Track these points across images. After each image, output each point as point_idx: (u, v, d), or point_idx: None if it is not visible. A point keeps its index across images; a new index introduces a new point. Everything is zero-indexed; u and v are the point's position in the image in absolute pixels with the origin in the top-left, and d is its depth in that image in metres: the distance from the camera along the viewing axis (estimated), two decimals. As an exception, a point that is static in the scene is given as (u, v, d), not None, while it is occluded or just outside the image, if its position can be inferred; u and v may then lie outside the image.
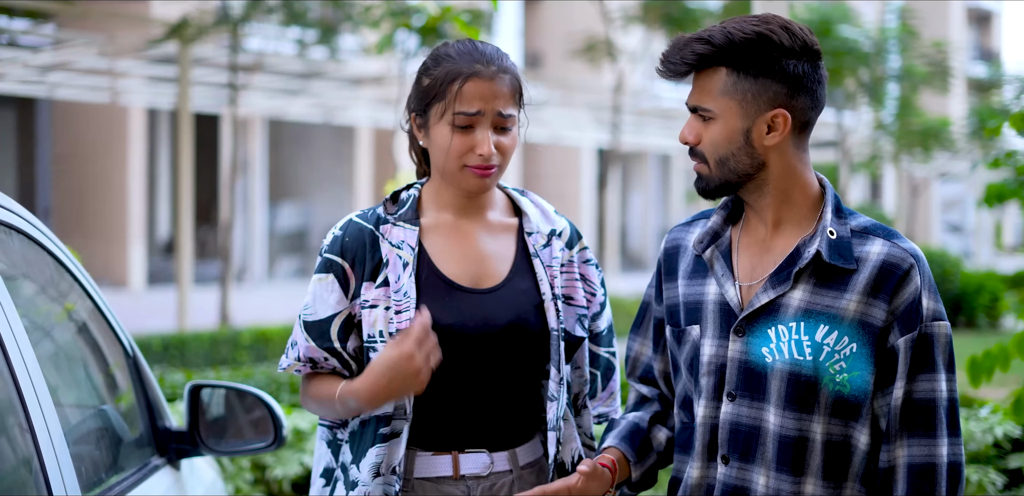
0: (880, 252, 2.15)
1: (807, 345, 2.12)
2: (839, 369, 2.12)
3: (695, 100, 2.18)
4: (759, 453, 2.14)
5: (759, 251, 2.20)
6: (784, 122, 2.14)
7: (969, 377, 4.26)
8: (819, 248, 2.13)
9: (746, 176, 2.17)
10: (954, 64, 20.18)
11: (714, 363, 2.18)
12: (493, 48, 2.41)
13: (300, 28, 13.17)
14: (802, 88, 2.15)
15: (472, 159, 2.35)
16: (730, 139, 2.15)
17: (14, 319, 2.08)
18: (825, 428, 2.13)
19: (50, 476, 2.04)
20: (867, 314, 2.13)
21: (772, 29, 2.12)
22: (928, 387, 2.14)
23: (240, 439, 2.87)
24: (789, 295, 2.14)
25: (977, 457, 4.84)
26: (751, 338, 2.15)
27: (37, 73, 14.71)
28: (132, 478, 2.54)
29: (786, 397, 2.12)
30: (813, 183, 2.21)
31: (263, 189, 23.75)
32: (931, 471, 2.12)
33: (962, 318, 17.32)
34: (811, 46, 2.15)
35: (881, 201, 35.33)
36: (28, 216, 2.42)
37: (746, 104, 2.14)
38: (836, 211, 2.19)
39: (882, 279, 2.13)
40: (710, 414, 2.18)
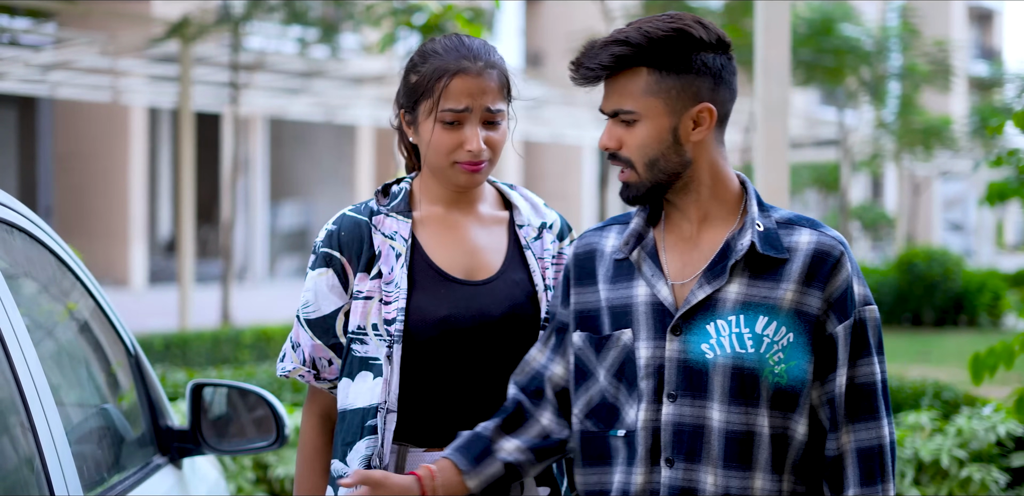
0: (810, 241, 2.16)
1: (748, 337, 2.11)
2: (777, 360, 2.12)
3: (615, 104, 2.15)
4: (705, 452, 2.12)
5: (687, 249, 2.19)
6: (710, 116, 2.15)
7: (971, 374, 4.26)
8: (752, 240, 2.13)
9: (675, 176, 2.16)
10: (955, 63, 20.17)
11: (652, 365, 2.15)
12: (480, 43, 2.41)
13: (301, 27, 13.16)
14: (721, 80, 2.16)
15: (461, 155, 2.35)
16: (658, 139, 2.14)
17: (16, 318, 2.08)
18: (768, 421, 2.12)
19: (52, 475, 2.04)
20: (803, 303, 2.13)
21: (688, 24, 2.12)
22: (868, 371, 2.16)
23: (242, 438, 2.87)
24: (725, 289, 2.14)
25: (980, 456, 4.84)
26: (689, 336, 2.14)
27: (38, 72, 14.71)
28: (134, 477, 2.53)
29: (730, 392, 2.11)
30: (734, 178, 2.22)
31: (264, 188, 23.75)
32: (878, 453, 2.15)
33: (964, 317, 17.31)
34: (723, 39, 2.16)
35: (882, 200, 35.32)
36: (30, 214, 2.41)
37: (671, 101, 2.13)
38: (759, 204, 2.20)
39: (815, 267, 2.14)
40: (651, 417, 2.14)
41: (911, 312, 17.34)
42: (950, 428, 4.95)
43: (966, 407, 5.39)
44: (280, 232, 24.85)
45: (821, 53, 17.41)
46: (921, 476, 4.88)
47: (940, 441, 4.88)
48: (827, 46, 17.56)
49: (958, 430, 4.93)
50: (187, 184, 11.88)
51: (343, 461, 2.32)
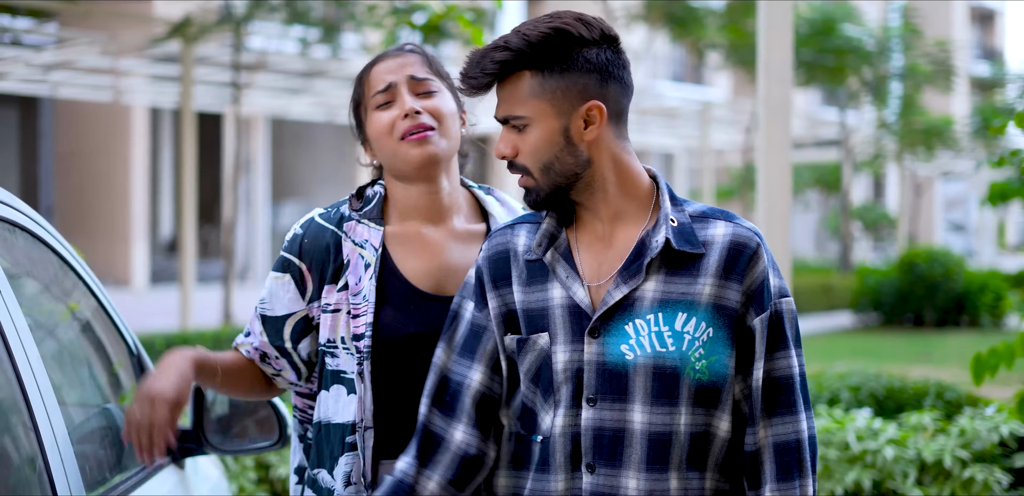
0: (726, 233, 2.12)
1: (668, 335, 2.07)
2: (699, 356, 2.08)
3: (504, 110, 2.12)
4: (626, 456, 2.07)
5: (601, 248, 2.14)
6: (600, 113, 2.09)
7: (973, 374, 4.26)
8: (667, 236, 2.09)
9: (574, 177, 2.11)
10: (957, 63, 20.18)
11: (570, 369, 2.09)
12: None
13: (303, 27, 13.16)
14: (610, 76, 2.10)
15: (400, 126, 2.31)
16: (550, 142, 2.09)
17: (18, 317, 2.08)
18: (689, 419, 2.08)
19: (54, 475, 2.03)
20: (722, 297, 2.10)
21: (567, 22, 2.08)
22: (785, 364, 2.12)
23: (244, 438, 2.86)
24: (643, 288, 2.09)
25: (982, 456, 4.84)
26: (608, 338, 2.09)
27: (40, 72, 14.72)
28: (136, 477, 2.53)
29: (653, 393, 2.07)
30: (643, 173, 2.16)
31: (265, 188, 23.76)
32: (797, 447, 2.11)
33: (965, 317, 17.32)
34: (608, 33, 2.11)
35: (884, 200, 35.31)
36: (32, 214, 2.41)
37: (558, 102, 2.08)
38: (671, 199, 2.15)
39: (732, 260, 2.10)
40: (570, 423, 2.09)
41: (913, 312, 17.34)
42: (953, 428, 4.95)
43: (968, 407, 5.39)
44: (281, 232, 24.86)
45: (823, 53, 17.43)
46: (924, 476, 4.88)
47: (943, 441, 4.88)
48: (829, 46, 17.59)
49: (961, 430, 4.92)
50: (189, 184, 11.88)
51: (330, 474, 2.30)
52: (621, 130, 2.14)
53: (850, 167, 20.24)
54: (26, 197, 18.69)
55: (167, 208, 22.79)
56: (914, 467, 4.87)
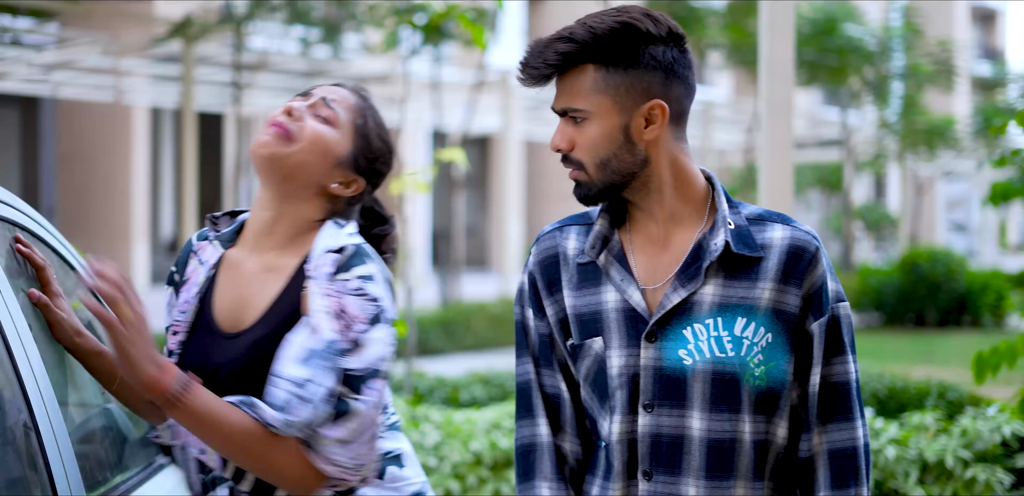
0: (784, 237, 2.08)
1: (728, 341, 2.04)
2: (757, 362, 2.05)
3: (564, 102, 2.07)
4: (686, 463, 2.04)
5: (656, 251, 2.10)
6: (662, 113, 2.05)
7: (974, 373, 4.26)
8: (726, 239, 2.05)
9: (630, 175, 2.07)
10: (959, 63, 20.18)
11: (625, 374, 2.06)
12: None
13: (304, 27, 13.17)
14: (674, 75, 2.06)
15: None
16: (609, 138, 2.05)
17: (19, 317, 2.08)
18: (752, 427, 2.06)
19: (55, 475, 2.03)
20: (781, 302, 2.06)
21: (635, 17, 2.03)
22: (842, 369, 2.09)
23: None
24: (701, 291, 2.06)
25: (984, 456, 4.83)
26: (665, 342, 2.05)
27: (41, 72, 14.73)
28: (137, 477, 2.53)
29: (711, 399, 2.04)
30: (699, 175, 2.12)
31: (267, 188, 23.78)
32: (852, 455, 2.08)
33: (967, 317, 17.32)
34: (676, 31, 2.07)
35: (886, 200, 35.30)
36: (33, 214, 2.41)
37: (620, 98, 2.04)
38: (727, 201, 2.11)
39: (792, 264, 2.07)
40: (626, 429, 2.06)
41: (914, 312, 17.34)
42: (955, 428, 4.95)
43: (971, 407, 5.38)
44: (283, 232, 24.89)
45: (824, 53, 17.44)
46: (926, 476, 4.87)
47: (945, 441, 4.87)
48: (830, 46, 17.60)
49: (963, 430, 4.92)
50: (190, 184, 11.89)
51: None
52: (680, 131, 2.10)
53: (852, 167, 20.24)
54: (27, 197, 18.70)
55: (168, 208, 22.80)
56: (916, 467, 4.86)
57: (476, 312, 14.47)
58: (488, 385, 6.86)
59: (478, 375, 7.14)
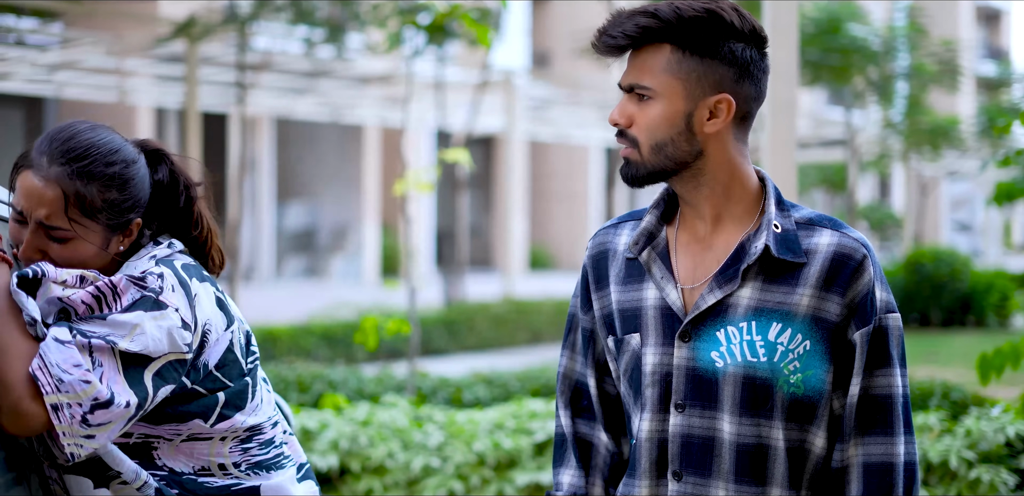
0: (830, 243, 2.05)
1: (760, 345, 2.02)
2: (793, 369, 2.02)
3: (633, 78, 2.04)
4: (716, 465, 2.03)
5: (699, 250, 2.09)
6: (728, 108, 2.03)
7: (979, 374, 4.26)
8: (767, 242, 2.03)
9: (682, 164, 2.04)
10: (963, 63, 20.17)
11: (658, 372, 2.06)
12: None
13: (308, 27, 13.18)
14: (748, 75, 2.04)
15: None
16: (671, 122, 2.03)
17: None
18: (785, 434, 2.03)
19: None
20: (821, 309, 2.03)
21: (723, 7, 2.02)
22: (886, 382, 2.05)
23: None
24: (737, 294, 2.04)
25: (988, 457, 4.83)
26: (698, 343, 2.04)
27: (45, 72, 14.75)
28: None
29: (741, 403, 2.02)
30: (752, 176, 2.10)
31: (271, 188, 23.80)
32: (888, 470, 2.03)
33: (971, 317, 17.32)
34: (759, 32, 2.05)
35: (890, 200, 35.30)
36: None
37: (690, 85, 2.02)
38: (778, 204, 2.09)
39: (835, 271, 2.03)
40: (657, 428, 2.06)
41: (918, 312, 17.35)
42: (959, 429, 4.94)
43: (975, 408, 5.37)
44: (286, 232, 24.90)
45: (828, 53, 17.43)
46: (930, 477, 4.88)
47: (948, 442, 4.87)
48: (834, 46, 17.58)
49: (967, 431, 4.92)
50: (193, 184, 11.89)
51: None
52: (743, 133, 2.08)
53: (856, 167, 20.23)
54: (31, 197, 18.71)
55: (172, 208, 22.82)
56: (920, 468, 4.86)
57: (480, 312, 14.49)
58: (491, 385, 6.86)
59: (481, 375, 7.14)
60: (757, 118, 2.13)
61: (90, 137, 2.20)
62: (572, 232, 30.68)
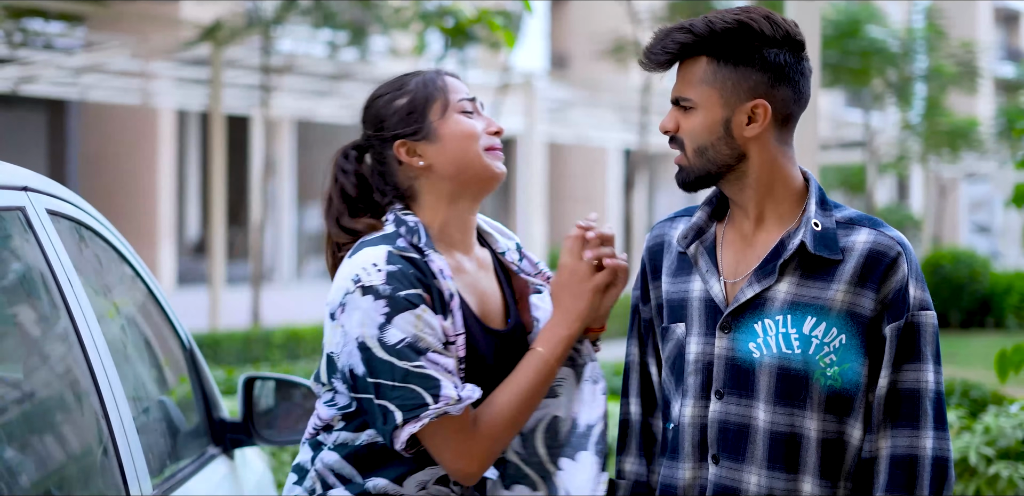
0: (866, 241, 2.13)
1: (795, 338, 2.10)
2: (829, 362, 2.10)
3: (677, 91, 2.17)
4: (749, 451, 2.11)
5: (743, 246, 2.19)
6: (764, 113, 2.13)
7: (997, 371, 4.29)
8: (803, 239, 2.12)
9: (726, 167, 2.15)
10: (982, 64, 20.14)
11: (701, 361, 2.16)
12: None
13: (331, 30, 13.27)
14: (784, 78, 2.13)
15: (487, 139, 2.29)
16: (710, 129, 2.14)
17: (89, 314, 2.19)
18: (820, 425, 2.10)
19: (124, 461, 2.14)
20: (855, 304, 2.11)
21: (753, 17, 2.11)
22: (914, 377, 2.11)
23: (290, 430, 2.96)
24: (775, 288, 2.13)
25: (1007, 453, 4.89)
26: (737, 334, 2.13)
27: (70, 75, 14.87)
28: (191, 466, 2.64)
29: (776, 393, 2.10)
30: (797, 177, 2.19)
31: (291, 190, 23.90)
32: (913, 463, 2.08)
33: (991, 319, 17.31)
34: (794, 37, 2.13)
35: (909, 202, 35.23)
36: (95, 213, 2.52)
37: (726, 93, 2.12)
38: (821, 203, 2.17)
39: (869, 268, 2.11)
40: (698, 413, 2.15)
41: (938, 313, 17.32)
42: (978, 426, 5.00)
43: (993, 406, 5.43)
44: (307, 234, 25.00)
45: (847, 55, 17.43)
46: (949, 473, 4.94)
47: (968, 439, 4.92)
48: (853, 48, 17.58)
49: (985, 428, 4.97)
50: (218, 186, 11.99)
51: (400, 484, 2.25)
52: (785, 135, 2.16)
53: (874, 168, 20.23)
54: (56, 199, 18.84)
55: (194, 209, 22.95)
56: (949, 465, 4.92)
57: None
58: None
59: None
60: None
61: None
62: (591, 234, 30.66)
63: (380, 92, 2.34)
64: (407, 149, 2.28)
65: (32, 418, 2.01)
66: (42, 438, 1.98)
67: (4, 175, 2.10)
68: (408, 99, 2.30)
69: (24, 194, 2.11)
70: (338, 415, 2.23)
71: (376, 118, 2.32)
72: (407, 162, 2.28)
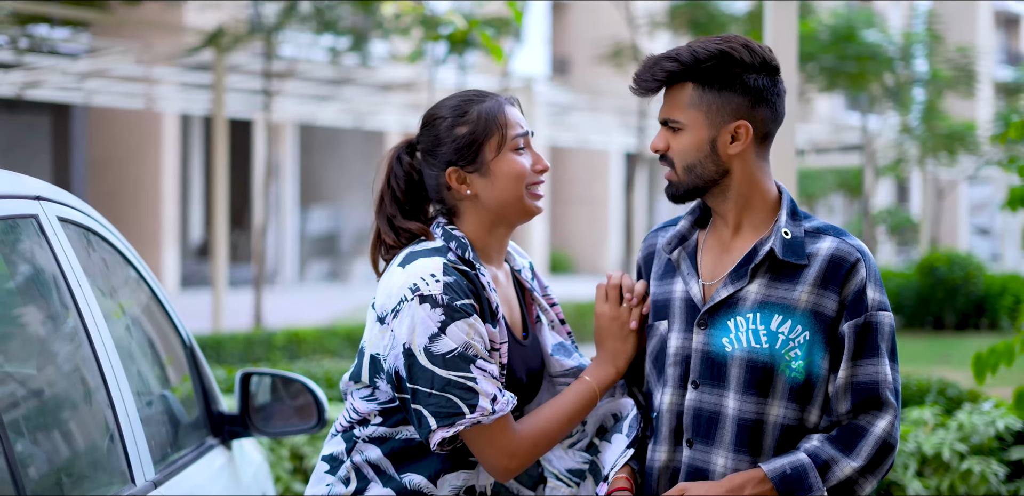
0: (829, 247, 2.36)
1: (763, 334, 2.33)
2: (794, 356, 2.32)
3: (665, 113, 2.38)
4: (719, 436, 2.34)
5: (721, 252, 2.42)
6: (746, 132, 2.35)
7: (974, 373, 4.43)
8: (773, 246, 2.35)
9: (711, 182, 2.37)
10: (980, 68, 20.24)
11: (680, 354, 2.39)
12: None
13: (333, 36, 13.41)
14: (763, 100, 2.36)
15: (532, 177, 2.46)
16: (697, 148, 2.35)
17: (97, 313, 2.37)
18: (783, 412, 2.33)
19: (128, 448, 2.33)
20: (819, 304, 2.33)
21: (733, 47, 2.34)
22: (872, 371, 2.33)
23: (286, 422, 3.14)
24: (747, 289, 2.35)
25: (980, 449, 5.02)
26: (712, 330, 2.36)
27: (75, 80, 15.03)
28: (192, 454, 2.82)
29: (745, 383, 2.32)
30: (772, 190, 2.42)
31: (294, 193, 24.05)
32: (861, 434, 2.31)
33: (985, 320, 17.40)
34: (770, 62, 2.37)
35: (908, 204, 35.34)
36: (100, 218, 2.71)
37: (711, 115, 2.34)
38: (792, 214, 2.40)
39: (832, 271, 2.34)
40: (676, 401, 2.38)
41: (933, 315, 17.43)
42: (952, 423, 5.13)
43: (968, 403, 5.57)
44: (310, 236, 25.14)
45: (844, 59, 17.54)
46: (924, 469, 5.06)
47: (942, 435, 5.06)
48: (850, 52, 17.67)
49: (959, 425, 5.11)
50: (220, 190, 12.14)
51: (434, 483, 2.40)
52: (763, 151, 2.40)
53: (872, 171, 20.35)
54: (61, 202, 18.97)
55: (197, 213, 23.10)
56: (915, 460, 5.05)
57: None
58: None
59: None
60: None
61: None
62: (592, 236, 30.85)
63: (442, 113, 2.46)
64: (458, 177, 2.44)
65: (46, 409, 2.20)
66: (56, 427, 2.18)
67: (18, 185, 2.28)
68: (468, 130, 2.43)
69: (37, 203, 2.30)
70: (376, 410, 2.39)
71: (434, 140, 2.45)
72: (456, 188, 2.45)
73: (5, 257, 2.18)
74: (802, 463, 2.29)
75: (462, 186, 2.43)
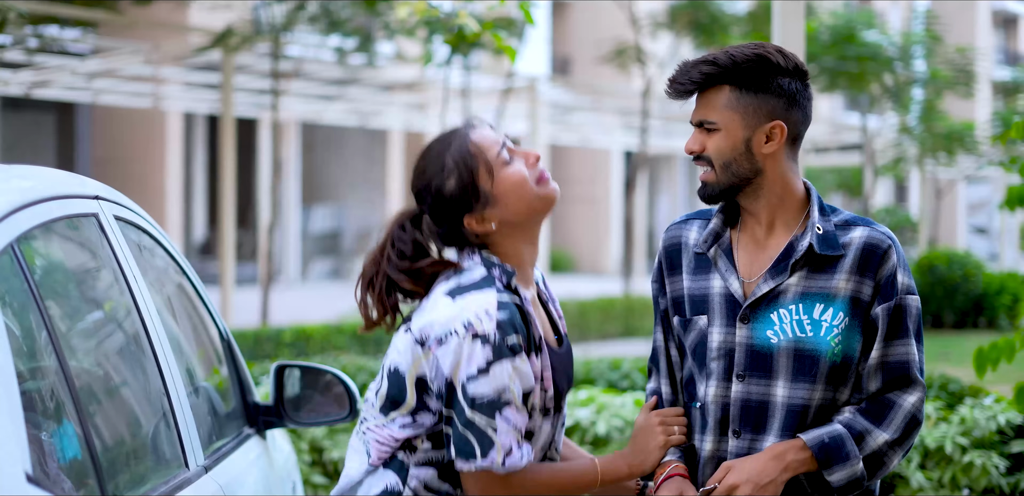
0: (862, 236, 2.48)
1: (807, 323, 2.44)
2: (837, 341, 2.44)
3: (701, 115, 2.48)
4: (769, 424, 2.46)
5: (756, 250, 2.52)
6: (781, 132, 2.46)
7: (975, 368, 4.52)
8: (811, 241, 2.46)
9: (746, 180, 2.48)
10: (978, 69, 20.34)
11: (723, 348, 2.48)
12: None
13: (339, 36, 13.51)
14: (795, 103, 2.48)
15: (533, 172, 2.48)
16: (733, 147, 2.46)
17: (152, 310, 2.52)
18: (821, 394, 2.46)
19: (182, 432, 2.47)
20: (858, 290, 2.46)
21: (769, 51, 2.46)
22: (903, 350, 2.48)
23: (314, 412, 3.28)
24: (787, 283, 2.46)
25: (981, 443, 5.12)
26: (756, 324, 2.46)
27: (83, 80, 15.13)
28: (233, 442, 2.96)
29: (794, 371, 2.44)
30: (801, 188, 2.54)
31: (297, 192, 24.15)
32: (891, 405, 2.46)
33: (983, 318, 17.48)
34: (801, 67, 2.50)
35: (907, 204, 35.45)
36: (149, 218, 2.85)
37: (748, 116, 2.45)
38: (820, 209, 2.52)
39: (866, 258, 2.47)
40: (721, 394, 2.48)
41: (932, 314, 17.50)
42: (954, 417, 5.23)
43: (969, 398, 5.67)
44: (312, 235, 25.25)
45: (844, 60, 17.63)
46: (926, 461, 5.16)
47: (944, 429, 5.15)
48: (850, 53, 17.77)
49: (961, 419, 5.20)
50: (227, 188, 12.22)
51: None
52: (793, 152, 2.52)
53: (872, 171, 20.47)
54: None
55: (200, 211, 23.20)
56: (917, 453, 5.16)
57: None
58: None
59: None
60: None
61: None
62: (593, 236, 30.96)
63: (427, 176, 2.46)
64: (477, 219, 2.45)
65: (116, 397, 2.34)
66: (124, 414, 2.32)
67: (80, 185, 2.42)
68: (455, 179, 2.44)
69: (96, 202, 2.44)
70: (423, 434, 2.39)
71: (436, 203, 2.45)
72: (480, 229, 2.45)
73: (72, 253, 2.32)
74: (839, 433, 2.44)
75: (484, 224, 2.44)
